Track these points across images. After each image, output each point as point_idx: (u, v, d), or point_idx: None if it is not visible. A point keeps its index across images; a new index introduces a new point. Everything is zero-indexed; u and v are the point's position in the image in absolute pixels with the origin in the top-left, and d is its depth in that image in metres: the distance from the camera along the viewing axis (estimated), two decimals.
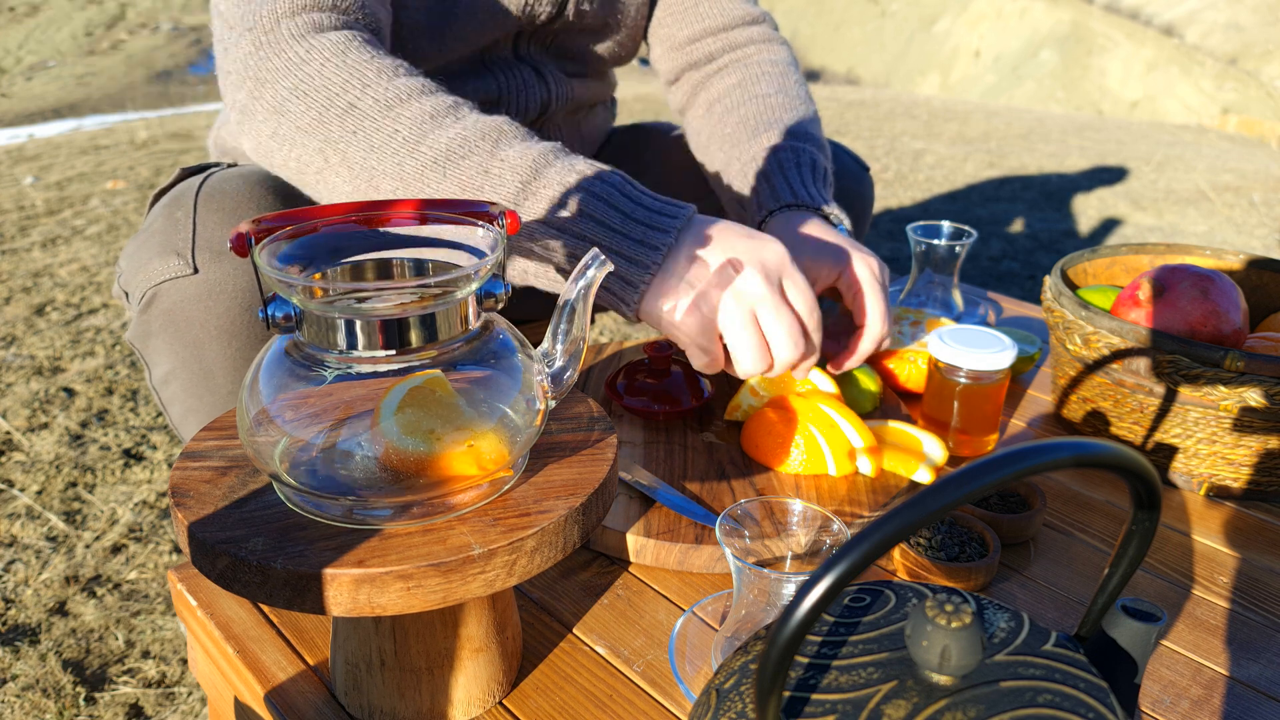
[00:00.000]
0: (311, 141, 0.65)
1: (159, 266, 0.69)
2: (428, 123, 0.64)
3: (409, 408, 0.44)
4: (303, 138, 0.65)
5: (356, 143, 0.64)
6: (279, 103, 0.65)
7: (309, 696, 0.54)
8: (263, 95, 0.66)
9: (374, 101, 0.64)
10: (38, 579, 1.19)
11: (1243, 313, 0.77)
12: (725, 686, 0.34)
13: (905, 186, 3.65)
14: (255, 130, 0.67)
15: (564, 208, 0.63)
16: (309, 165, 0.66)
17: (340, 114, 0.64)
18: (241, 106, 0.68)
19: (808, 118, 0.92)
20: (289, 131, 0.65)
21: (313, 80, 0.64)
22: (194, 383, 0.72)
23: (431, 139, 0.64)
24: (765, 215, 0.83)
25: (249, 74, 0.66)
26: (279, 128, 0.66)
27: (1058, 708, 0.29)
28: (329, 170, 0.65)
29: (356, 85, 0.64)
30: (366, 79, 0.65)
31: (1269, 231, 3.18)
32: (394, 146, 0.64)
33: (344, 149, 0.64)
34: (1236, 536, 0.72)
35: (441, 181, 0.63)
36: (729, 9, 0.97)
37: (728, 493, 0.70)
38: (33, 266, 2.46)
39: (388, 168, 0.64)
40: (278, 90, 0.65)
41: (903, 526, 0.25)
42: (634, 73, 7.87)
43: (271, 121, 0.66)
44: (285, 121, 0.65)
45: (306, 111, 0.64)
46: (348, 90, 0.64)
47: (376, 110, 0.64)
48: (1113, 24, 27.48)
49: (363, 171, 0.64)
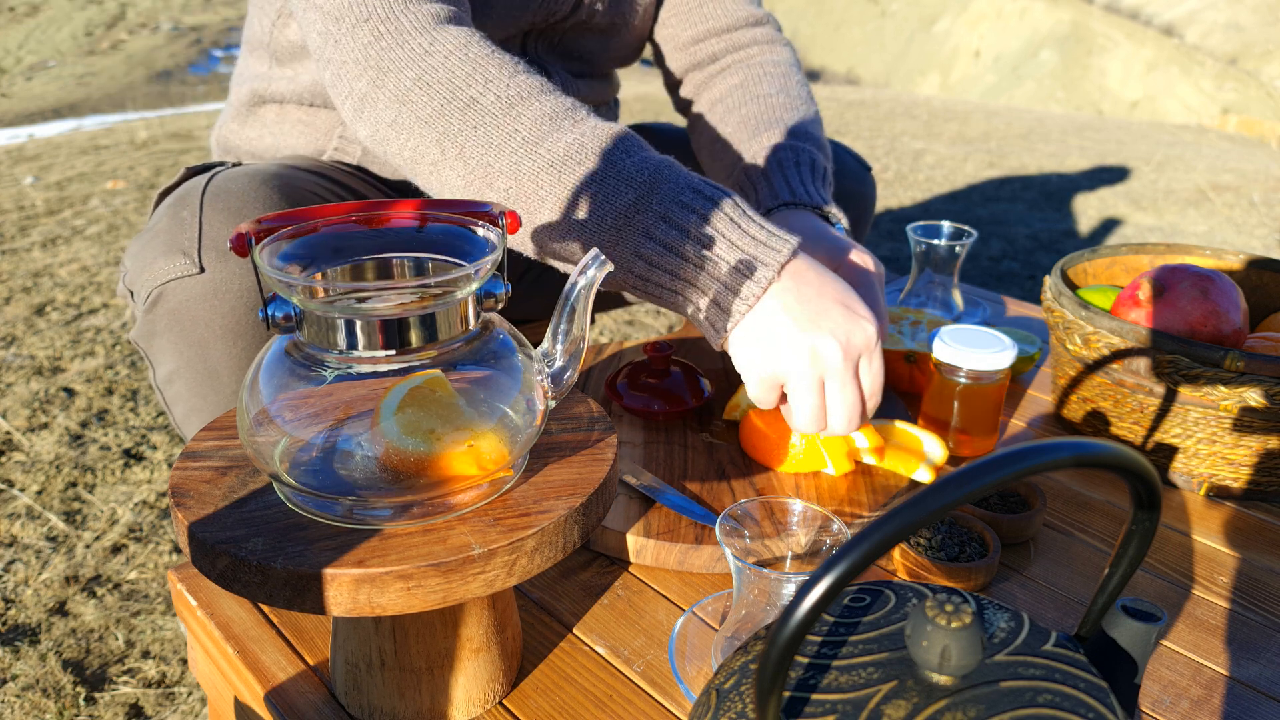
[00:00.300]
0: (430, 133, 0.65)
1: (165, 265, 0.69)
2: (547, 124, 0.64)
3: (409, 408, 0.44)
4: (422, 129, 0.65)
5: (476, 139, 0.64)
6: (402, 92, 0.66)
7: (309, 696, 0.54)
8: (385, 84, 0.66)
9: (495, 98, 0.65)
10: (38, 579, 1.19)
11: (1243, 313, 0.77)
12: (725, 686, 0.34)
13: (905, 186, 3.65)
14: (375, 118, 0.68)
15: (673, 226, 0.63)
16: (424, 156, 0.66)
17: (462, 108, 0.65)
18: (362, 95, 0.68)
19: (809, 118, 0.92)
20: (409, 122, 0.66)
21: (436, 72, 0.65)
22: (198, 382, 0.72)
23: (550, 141, 0.64)
24: (763, 214, 0.83)
25: (370, 63, 0.67)
26: (399, 116, 0.66)
27: (1058, 708, 0.29)
28: (444, 164, 0.66)
29: (479, 81, 0.65)
30: (489, 75, 0.65)
31: (1269, 231, 3.18)
32: (513, 146, 0.64)
33: (462, 143, 0.65)
34: (1236, 536, 0.72)
35: (556, 186, 0.64)
36: (733, 10, 0.97)
37: (728, 493, 0.70)
38: (33, 266, 2.46)
39: (504, 166, 0.64)
40: (401, 80, 0.66)
41: (903, 526, 0.25)
42: (635, 73, 7.87)
43: (393, 110, 0.66)
44: (406, 111, 0.66)
45: (429, 103, 0.65)
46: (470, 85, 0.65)
47: (498, 107, 0.64)
48: (1113, 24, 27.48)
49: (478, 168, 0.65)
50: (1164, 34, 26.45)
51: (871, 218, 1.10)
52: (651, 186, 0.64)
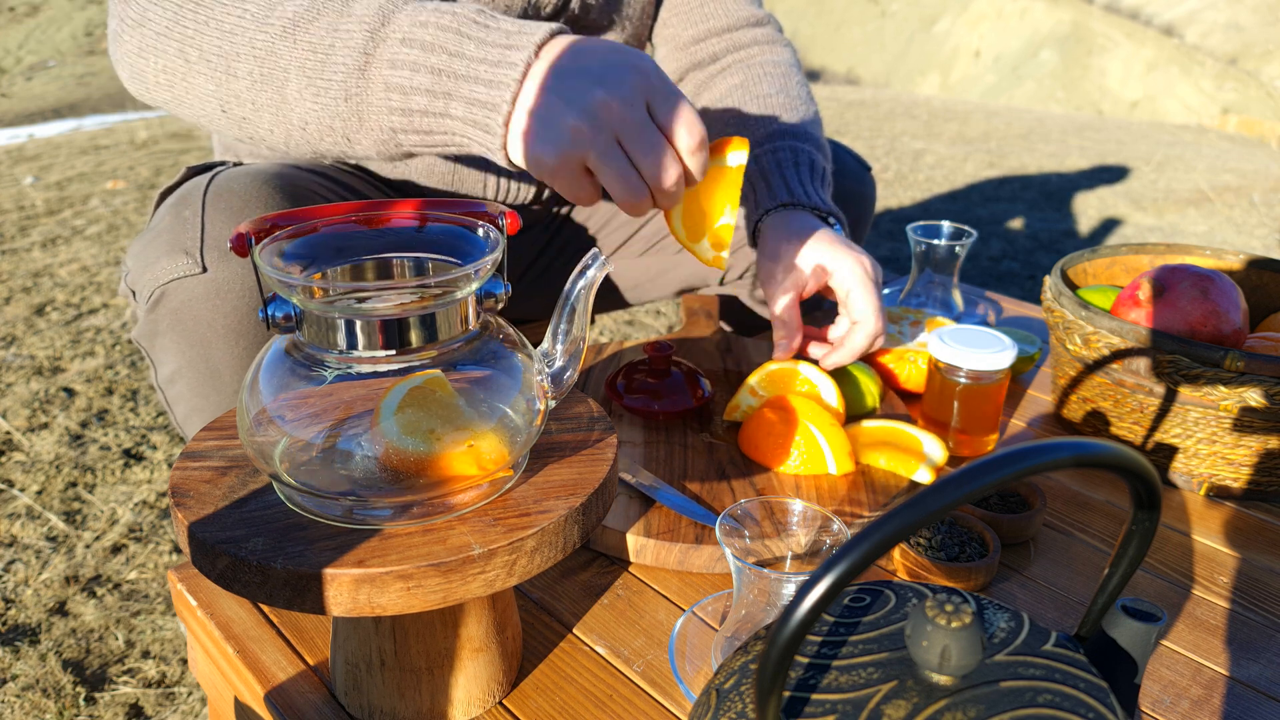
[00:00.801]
0: (170, 44, 0.64)
1: (167, 265, 0.69)
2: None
3: (409, 408, 0.44)
4: (163, 43, 0.64)
5: (209, 31, 0.62)
6: (140, 14, 0.65)
7: (309, 696, 0.54)
8: (127, 14, 0.65)
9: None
10: (38, 579, 1.19)
11: (1243, 313, 0.77)
12: (725, 686, 0.34)
13: (905, 186, 3.65)
14: (124, 51, 0.66)
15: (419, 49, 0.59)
16: (175, 72, 0.65)
17: (194, 8, 0.63)
18: (113, 33, 0.67)
19: (809, 119, 0.92)
20: (151, 40, 0.64)
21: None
22: (200, 382, 0.72)
23: (280, 9, 0.61)
24: (762, 214, 0.84)
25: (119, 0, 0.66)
26: (143, 39, 0.65)
27: (1058, 708, 0.29)
28: (192, 72, 0.64)
29: None
30: None
31: (1269, 231, 3.18)
32: (244, 25, 0.62)
33: (200, 43, 0.63)
34: (1236, 536, 0.72)
35: (293, 49, 0.61)
36: (734, 10, 0.97)
37: (728, 493, 0.70)
38: (33, 266, 2.46)
39: (240, 48, 0.62)
40: (139, 4, 0.65)
41: (903, 526, 0.25)
42: None
43: (136, 36, 0.65)
44: (147, 31, 0.64)
45: (163, 15, 0.64)
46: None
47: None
48: (1113, 24, 27.47)
49: (219, 60, 0.63)
50: (1164, 34, 26.45)
51: (871, 218, 1.10)
52: (385, 17, 0.60)
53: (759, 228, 0.84)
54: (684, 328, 1.05)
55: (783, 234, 0.79)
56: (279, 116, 0.63)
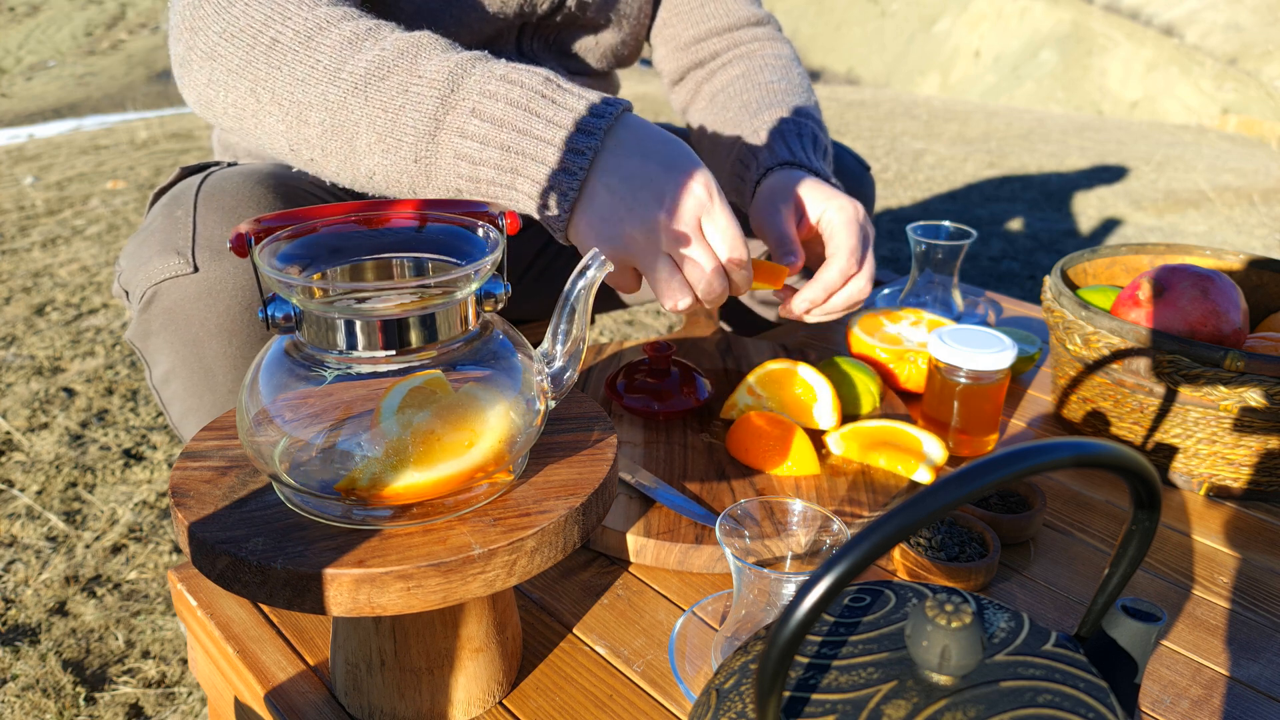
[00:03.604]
0: (243, 83, 0.65)
1: (159, 265, 0.69)
2: (347, 49, 0.63)
3: (409, 408, 0.44)
4: (234, 80, 0.65)
5: (283, 78, 0.63)
6: (210, 48, 0.65)
7: (309, 696, 0.54)
8: (197, 44, 0.66)
9: (294, 34, 0.64)
10: (38, 579, 1.19)
11: (1243, 313, 0.77)
12: (725, 686, 0.34)
13: (905, 186, 3.65)
14: (193, 80, 0.68)
15: (484, 119, 0.61)
16: (245, 109, 0.66)
17: (265, 51, 0.64)
18: (181, 60, 0.68)
19: (810, 105, 0.92)
20: (223, 76, 0.65)
21: (238, 21, 0.65)
22: (194, 382, 0.72)
23: (351, 64, 0.63)
24: (762, 173, 0.83)
25: (185, 26, 0.67)
26: (213, 74, 0.66)
27: (1058, 708, 0.29)
28: (263, 112, 0.65)
29: (277, 20, 0.64)
30: (287, 13, 0.64)
31: (1269, 231, 3.18)
32: (316, 76, 0.63)
33: (272, 86, 0.64)
34: (1236, 536, 0.72)
35: (364, 106, 0.62)
36: (734, 10, 0.97)
37: (728, 493, 0.70)
38: (33, 266, 2.46)
39: (313, 99, 0.63)
40: (209, 37, 0.65)
41: (903, 526, 0.25)
42: (634, 73, 7.87)
43: (206, 68, 0.66)
44: (218, 66, 0.65)
45: (235, 53, 0.64)
46: (270, 26, 0.64)
47: (298, 42, 0.63)
48: (1113, 24, 27.47)
49: (292, 107, 0.64)
50: (1164, 34, 26.46)
51: (870, 218, 1.10)
52: (454, 84, 0.62)
53: (758, 188, 0.83)
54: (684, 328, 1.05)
55: (779, 183, 0.79)
56: (347, 163, 0.65)
